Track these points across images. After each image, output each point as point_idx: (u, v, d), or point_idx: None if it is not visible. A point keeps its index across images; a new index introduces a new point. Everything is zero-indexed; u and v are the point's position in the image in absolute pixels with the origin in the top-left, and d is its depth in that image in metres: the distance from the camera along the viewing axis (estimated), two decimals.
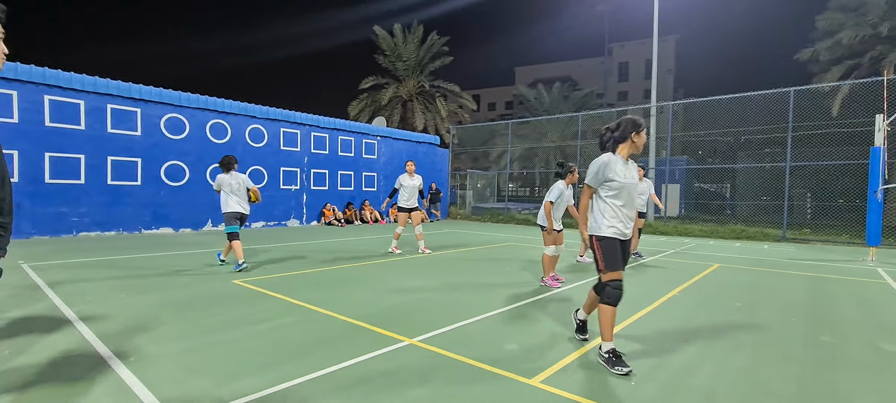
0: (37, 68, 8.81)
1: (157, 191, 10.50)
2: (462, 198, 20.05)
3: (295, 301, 4.39)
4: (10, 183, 1.79)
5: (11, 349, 2.97)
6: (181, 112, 10.90)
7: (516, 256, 7.90)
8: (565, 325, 3.80)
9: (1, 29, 1.70)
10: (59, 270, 5.73)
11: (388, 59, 23.98)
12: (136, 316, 3.80)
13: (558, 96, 28.97)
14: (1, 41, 1.72)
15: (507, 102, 52.34)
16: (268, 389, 2.45)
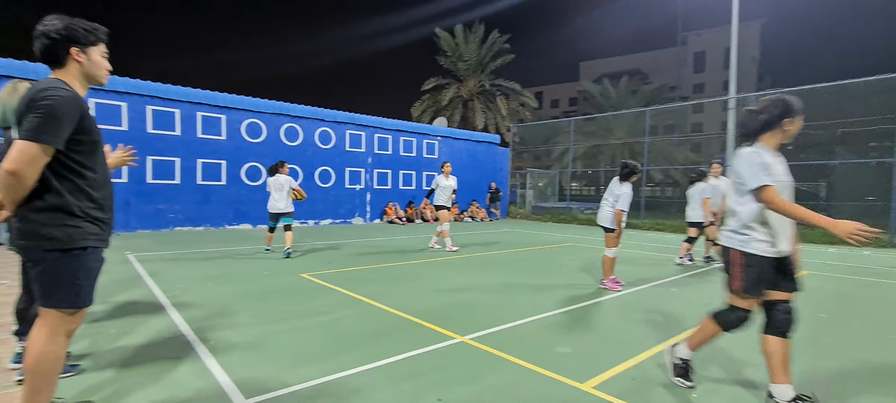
0: (141, 82, 10.00)
1: (238, 190, 11.49)
2: (522, 197, 19.79)
3: (355, 295, 4.63)
4: (111, 184, 2.09)
5: (116, 329, 3.44)
6: (259, 117, 11.83)
7: (576, 257, 7.70)
8: (621, 330, 3.67)
9: (104, 48, 2.00)
10: (157, 261, 6.48)
11: (450, 60, 24.26)
12: (217, 304, 4.22)
13: (625, 91, 27.65)
14: (105, 58, 2.01)
15: (571, 99, 50.80)
16: (327, 376, 2.63)
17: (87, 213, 1.87)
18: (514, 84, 24.98)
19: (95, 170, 1.93)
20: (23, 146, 1.69)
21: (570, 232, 12.77)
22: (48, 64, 1.90)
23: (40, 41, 1.85)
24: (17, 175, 1.69)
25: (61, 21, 1.86)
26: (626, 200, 5.10)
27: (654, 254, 8.38)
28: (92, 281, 1.95)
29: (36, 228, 1.79)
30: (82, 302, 1.91)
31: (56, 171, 1.81)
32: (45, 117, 1.71)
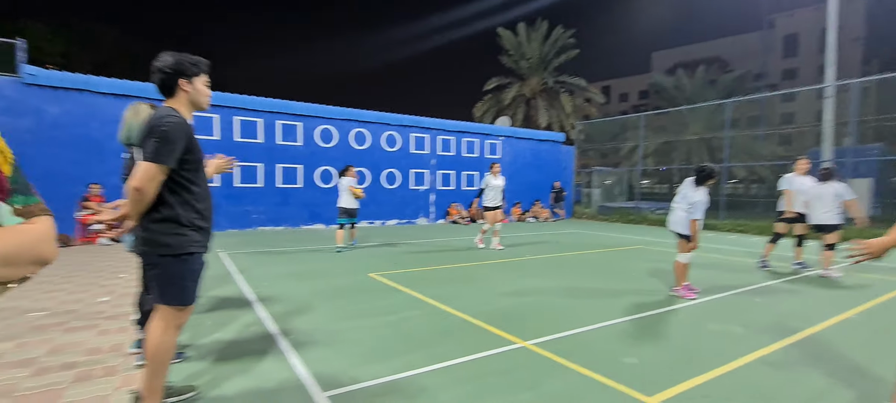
0: (230, 95, 11.02)
1: (313, 192, 12.27)
2: (588, 196, 19.14)
3: (420, 295, 4.81)
4: (211, 196, 2.38)
5: (212, 321, 3.87)
6: (331, 123, 12.54)
7: (645, 261, 7.35)
8: (694, 342, 3.49)
9: (206, 77, 2.28)
10: (244, 258, 7.14)
11: (512, 59, 24.07)
12: (296, 300, 4.58)
13: (703, 81, 25.68)
14: (207, 86, 2.30)
15: (641, 92, 48.12)
16: (394, 375, 2.80)
17: (192, 223, 2.17)
18: (580, 80, 24.23)
19: (199, 185, 2.22)
20: (145, 166, 2.00)
21: (640, 233, 12.17)
22: (163, 94, 2.21)
23: (156, 75, 2.16)
24: (141, 191, 2.01)
25: (172, 57, 2.16)
26: (700, 208, 4.79)
27: (735, 259, 7.77)
28: (196, 282, 2.24)
29: (153, 236, 2.11)
30: (188, 300, 2.21)
31: (169, 187, 2.11)
32: (162, 141, 2.01)
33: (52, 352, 3.12)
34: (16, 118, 8.65)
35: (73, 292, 4.82)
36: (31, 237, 0.80)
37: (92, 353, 3.12)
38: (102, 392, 2.55)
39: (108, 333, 3.55)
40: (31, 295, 4.62)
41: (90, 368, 2.86)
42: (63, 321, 3.84)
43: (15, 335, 3.46)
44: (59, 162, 9.01)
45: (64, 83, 9.08)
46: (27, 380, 2.66)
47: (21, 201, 0.85)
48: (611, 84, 51.53)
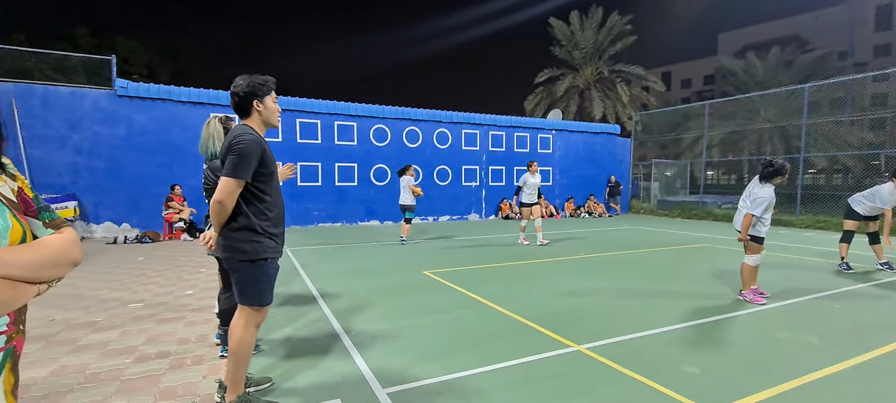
0: (292, 98, 11.68)
1: (368, 190, 12.74)
2: (646, 190, 18.30)
3: (473, 294, 4.90)
4: (283, 204, 2.60)
5: (282, 316, 4.19)
6: (384, 123, 12.92)
7: (709, 261, 6.98)
8: (762, 351, 3.32)
9: (274, 94, 2.49)
10: (307, 254, 7.59)
11: (564, 49, 23.39)
12: (356, 296, 4.84)
13: (776, 64, 23.49)
14: (276, 102, 2.50)
15: (706, 77, 44.96)
16: (449, 374, 2.91)
17: (265, 231, 2.39)
18: (637, 67, 23.11)
19: (271, 195, 2.44)
20: (224, 181, 2.24)
21: (704, 230, 11.52)
22: (239, 114, 2.45)
23: (233, 99, 2.40)
24: (222, 203, 2.25)
25: (245, 81, 2.39)
26: (760, 204, 4.48)
27: (811, 259, 7.19)
28: (271, 284, 2.47)
29: (233, 244, 2.35)
30: (264, 301, 2.44)
31: (245, 198, 2.34)
32: (239, 158, 2.24)
33: (150, 341, 3.54)
34: (111, 127, 9.69)
35: (164, 285, 5.39)
36: (66, 243, 1.00)
37: (182, 343, 3.50)
38: (193, 379, 2.87)
39: (195, 324, 3.96)
40: (131, 288, 5.22)
41: (181, 357, 3.22)
42: (156, 312, 4.32)
43: (118, 324, 3.95)
44: (147, 165, 10.00)
45: (149, 94, 10.04)
46: (131, 367, 3.05)
47: (47, 216, 1.05)
48: (671, 69, 48.63)
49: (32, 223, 1.00)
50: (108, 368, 3.01)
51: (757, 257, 4.66)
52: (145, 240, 9.09)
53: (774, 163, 4.55)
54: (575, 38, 22.84)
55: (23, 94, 9.03)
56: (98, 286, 5.34)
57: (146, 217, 9.90)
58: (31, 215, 1.01)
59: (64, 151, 9.34)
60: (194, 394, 2.67)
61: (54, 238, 0.99)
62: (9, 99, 8.86)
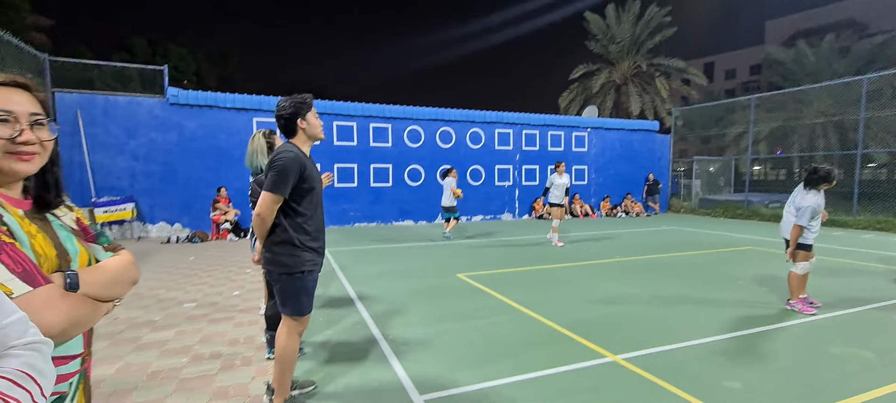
0: (329, 102, 12.02)
1: (401, 190, 12.94)
2: (687, 188, 17.64)
3: (507, 300, 4.93)
4: (323, 217, 2.72)
5: (323, 318, 4.37)
6: (418, 123, 13.08)
7: (755, 266, 6.70)
8: (811, 367, 3.19)
9: (314, 109, 2.61)
10: (344, 256, 7.83)
11: (600, 44, 22.86)
12: (393, 300, 4.97)
13: (830, 52, 21.99)
14: (317, 117, 2.62)
15: (751, 67, 42.62)
16: (484, 383, 2.97)
17: (304, 244, 2.51)
18: (677, 60, 22.30)
19: (310, 209, 2.56)
20: (264, 196, 2.39)
21: (750, 231, 11.01)
22: (285, 135, 2.59)
23: (279, 121, 2.55)
24: (262, 216, 2.41)
25: (288, 103, 2.52)
26: (807, 213, 4.27)
27: (869, 264, 6.77)
28: (310, 296, 2.60)
29: (275, 257, 2.49)
30: (304, 311, 2.57)
31: (285, 213, 2.48)
32: (278, 174, 2.38)
33: (203, 341, 3.79)
34: (164, 133, 10.31)
35: (214, 285, 5.72)
36: (127, 264, 1.09)
37: (232, 344, 3.73)
38: (243, 380, 3.07)
39: (242, 325, 4.19)
40: (184, 288, 5.57)
41: (232, 358, 3.44)
42: (207, 312, 4.60)
43: (174, 324, 4.24)
44: (197, 169, 10.57)
45: (198, 101, 10.59)
46: (187, 367, 3.29)
47: (105, 240, 1.14)
48: (715, 60, 46.48)
49: (93, 248, 1.09)
50: (168, 367, 3.25)
51: (805, 265, 4.46)
52: (195, 240, 9.62)
53: (820, 169, 4.34)
54: (611, 31, 22.27)
55: (86, 104, 9.75)
56: (155, 285, 5.73)
57: (196, 218, 10.48)
58: (90, 241, 1.10)
59: (122, 157, 10.01)
60: (245, 395, 2.85)
61: (116, 259, 1.08)
62: (75, 109, 9.58)
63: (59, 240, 0.99)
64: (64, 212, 1.07)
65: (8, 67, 8.35)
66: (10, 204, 0.93)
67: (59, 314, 0.84)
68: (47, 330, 0.82)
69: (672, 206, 17.02)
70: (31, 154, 0.93)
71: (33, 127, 0.94)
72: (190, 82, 25.57)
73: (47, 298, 0.83)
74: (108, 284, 1.00)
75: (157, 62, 23.48)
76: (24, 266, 0.82)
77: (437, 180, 13.25)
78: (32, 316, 0.80)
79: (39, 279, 0.84)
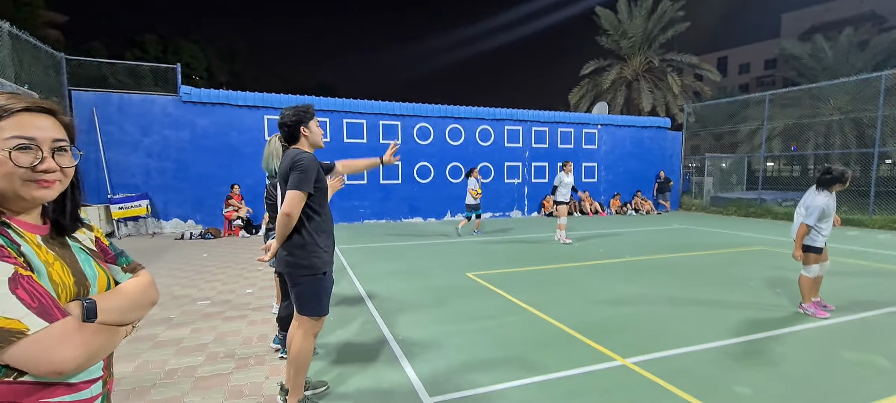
0: (338, 100, 12.09)
1: (411, 187, 13.00)
2: (698, 186, 17.45)
3: (516, 300, 4.95)
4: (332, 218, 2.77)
5: (333, 317, 4.42)
6: (428, 121, 13.10)
7: (767, 267, 6.63)
8: (824, 373, 3.17)
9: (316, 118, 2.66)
10: (354, 253, 7.89)
11: (611, 39, 22.59)
12: (402, 299, 5.02)
13: (848, 46, 21.51)
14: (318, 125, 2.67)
15: (766, 61, 41.82)
16: (493, 386, 3.00)
17: (320, 245, 2.57)
18: (690, 56, 21.97)
19: (324, 211, 2.62)
20: (291, 194, 2.44)
21: (762, 230, 10.88)
22: (289, 142, 2.65)
23: (283, 129, 2.61)
24: (290, 216, 2.45)
25: (291, 111, 2.59)
26: (815, 213, 4.24)
27: (887, 266, 6.66)
28: (327, 296, 2.66)
29: (295, 260, 2.54)
30: (322, 312, 2.63)
31: (305, 215, 2.53)
32: (303, 173, 2.44)
33: (217, 340, 3.87)
34: (178, 131, 10.45)
35: (227, 282, 5.82)
36: (146, 286, 1.08)
37: (246, 343, 3.80)
38: (257, 379, 3.13)
39: (256, 324, 4.27)
40: (198, 285, 5.68)
41: (246, 357, 3.51)
42: (221, 310, 4.69)
43: (189, 321, 4.33)
44: (209, 166, 10.72)
45: (210, 99, 10.72)
46: (203, 366, 3.36)
47: (125, 261, 1.13)
48: (728, 54, 45.68)
49: (112, 269, 1.08)
50: (184, 366, 3.33)
51: (816, 268, 4.42)
52: (208, 236, 9.77)
53: (833, 170, 4.29)
54: (622, 26, 22.00)
55: (102, 103, 9.92)
56: (170, 282, 5.84)
57: (209, 214, 10.63)
58: (110, 261, 1.09)
59: (137, 154, 10.18)
60: (259, 395, 2.91)
61: (135, 282, 1.07)
62: (91, 107, 9.75)
63: (79, 266, 0.98)
64: (83, 234, 1.06)
65: (25, 66, 8.53)
66: (28, 231, 0.91)
67: (75, 349, 0.83)
68: (62, 366, 0.82)
69: (683, 204, 16.86)
70: (51, 181, 0.91)
71: (55, 153, 0.92)
72: (201, 78, 25.85)
73: (62, 333, 0.82)
74: (126, 310, 1.00)
75: (168, 58, 23.78)
76: (40, 300, 0.81)
77: (446, 176, 13.31)
78: (47, 353, 0.80)
79: (56, 313, 0.83)
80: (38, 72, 8.97)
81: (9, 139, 0.86)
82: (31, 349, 0.79)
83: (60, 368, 0.82)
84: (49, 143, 0.91)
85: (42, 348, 0.79)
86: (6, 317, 0.77)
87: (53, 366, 0.81)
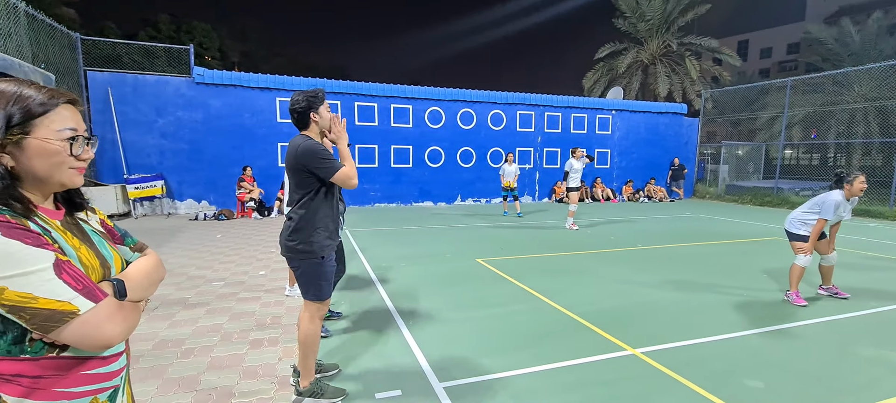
0: (349, 82, 12.04)
1: (422, 171, 12.99)
2: (713, 173, 17.15)
3: (526, 287, 4.96)
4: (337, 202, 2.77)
5: (346, 302, 4.48)
6: (439, 105, 13.01)
7: (782, 258, 6.52)
8: (838, 368, 3.13)
9: (327, 103, 2.65)
10: (365, 237, 7.95)
11: (628, 21, 22.03)
12: (412, 284, 5.05)
13: (877, 31, 20.71)
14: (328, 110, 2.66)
15: (789, 45, 40.51)
16: (503, 372, 3.02)
17: (318, 230, 2.58)
18: (709, 39, 21.38)
19: (329, 196, 2.62)
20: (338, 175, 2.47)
21: (778, 220, 10.69)
22: (299, 127, 2.64)
23: (293, 115, 2.61)
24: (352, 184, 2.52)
25: (302, 96, 2.58)
26: (830, 208, 4.31)
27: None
28: (329, 280, 2.68)
29: (294, 244, 2.56)
30: (324, 295, 2.66)
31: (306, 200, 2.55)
32: (327, 158, 2.48)
33: (232, 320, 3.95)
34: (191, 112, 10.53)
35: (241, 264, 5.91)
36: (156, 264, 1.13)
37: (259, 323, 3.87)
38: (270, 360, 3.20)
39: (269, 305, 4.34)
40: (212, 266, 5.78)
41: (259, 338, 3.58)
42: (235, 291, 4.77)
43: (204, 302, 4.42)
44: (222, 147, 10.82)
45: (223, 80, 10.75)
46: (218, 345, 3.44)
47: (132, 241, 1.17)
48: (749, 37, 44.32)
49: (121, 249, 1.11)
50: (200, 345, 3.41)
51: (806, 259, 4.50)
52: (221, 217, 9.91)
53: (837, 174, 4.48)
54: (640, 8, 21.41)
55: (117, 83, 10.01)
56: (185, 263, 5.96)
57: (222, 195, 10.77)
58: (117, 242, 1.12)
59: (151, 135, 10.30)
60: (272, 376, 2.97)
61: (146, 261, 1.11)
62: (106, 87, 9.85)
63: (97, 248, 1.02)
64: (89, 216, 1.10)
65: (42, 45, 8.61)
66: (50, 217, 0.95)
67: (118, 325, 0.90)
68: (110, 341, 0.89)
69: (697, 192, 16.62)
70: (84, 168, 0.99)
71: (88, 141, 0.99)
72: (213, 58, 25.91)
73: (108, 312, 0.89)
74: (145, 287, 1.06)
75: (181, 38, 23.83)
76: (83, 282, 0.87)
77: (457, 160, 13.28)
78: (96, 330, 0.87)
79: (98, 293, 0.89)
80: (54, 52, 9.06)
81: (61, 131, 0.92)
82: (83, 328, 0.85)
83: (108, 343, 0.89)
84: (84, 133, 0.98)
85: (91, 326, 0.86)
86: (58, 300, 0.83)
87: (102, 341, 0.88)
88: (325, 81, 11.86)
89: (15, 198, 0.88)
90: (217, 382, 2.88)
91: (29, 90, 0.91)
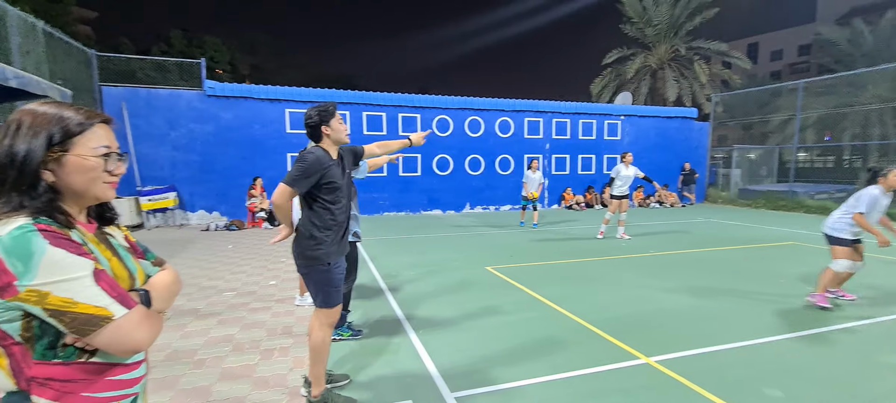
0: (359, 93, 12.14)
1: (430, 180, 13.00)
2: (725, 177, 16.92)
3: (538, 295, 4.91)
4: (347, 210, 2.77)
5: (356, 312, 4.47)
6: (447, 112, 13.04)
7: (799, 262, 6.40)
8: (860, 376, 3.04)
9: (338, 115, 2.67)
10: (374, 245, 7.96)
11: (636, 27, 21.97)
12: (422, 293, 5.03)
13: (891, 30, 20.39)
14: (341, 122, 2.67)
15: (800, 47, 40.05)
16: (514, 382, 2.99)
17: (324, 239, 2.59)
18: (718, 43, 21.22)
19: (335, 205, 2.63)
20: (281, 186, 2.48)
21: (793, 224, 10.51)
22: (313, 140, 2.67)
23: (307, 129, 2.64)
24: (278, 205, 2.51)
25: (314, 111, 2.62)
26: (865, 201, 4.20)
27: None
28: (337, 287, 2.68)
29: (301, 251, 2.58)
30: (329, 303, 2.66)
31: (313, 209, 2.56)
32: (300, 172, 2.49)
33: (243, 330, 3.96)
34: (203, 124, 10.69)
35: (252, 274, 5.95)
36: (174, 278, 1.19)
37: (270, 333, 3.88)
38: (281, 371, 3.19)
39: (279, 315, 4.35)
40: (224, 277, 5.82)
41: (270, 348, 3.58)
42: (246, 301, 4.80)
43: (216, 312, 4.45)
44: (233, 159, 10.94)
45: (233, 93, 10.91)
46: (230, 356, 3.45)
47: (151, 256, 1.22)
48: (759, 40, 43.92)
49: (143, 264, 1.17)
50: (212, 356, 3.42)
51: (849, 264, 4.33)
52: (232, 228, 10.00)
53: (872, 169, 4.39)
54: (648, 13, 21.36)
55: (131, 97, 10.20)
56: (197, 273, 6.01)
57: (233, 206, 10.87)
58: (139, 256, 1.17)
59: (164, 147, 10.45)
60: (283, 386, 2.97)
61: (165, 275, 1.16)
62: (120, 102, 10.04)
63: (124, 261, 1.07)
64: (115, 232, 1.15)
65: (59, 62, 8.82)
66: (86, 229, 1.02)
67: (146, 332, 0.96)
68: (139, 347, 0.95)
69: (709, 197, 16.41)
70: (116, 183, 1.06)
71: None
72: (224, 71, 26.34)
73: (139, 319, 0.95)
74: (166, 298, 1.12)
75: (193, 52, 24.26)
76: (117, 290, 0.93)
77: (465, 168, 13.29)
78: (128, 336, 0.93)
79: (130, 301, 0.95)
80: (71, 68, 9.26)
81: (97, 148, 0.99)
82: (117, 333, 0.91)
83: (137, 347, 0.95)
84: (117, 150, 1.05)
85: (124, 332, 0.92)
86: (96, 306, 0.89)
87: (132, 345, 0.94)
88: (335, 93, 11.96)
89: (58, 210, 0.94)
90: (229, 392, 2.89)
91: (68, 112, 0.97)
